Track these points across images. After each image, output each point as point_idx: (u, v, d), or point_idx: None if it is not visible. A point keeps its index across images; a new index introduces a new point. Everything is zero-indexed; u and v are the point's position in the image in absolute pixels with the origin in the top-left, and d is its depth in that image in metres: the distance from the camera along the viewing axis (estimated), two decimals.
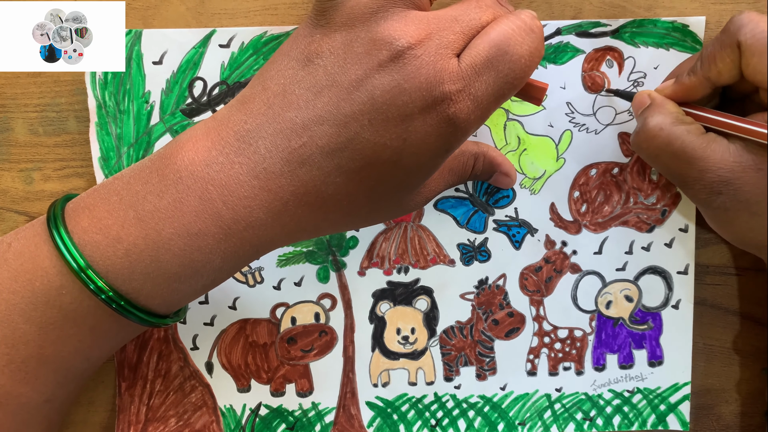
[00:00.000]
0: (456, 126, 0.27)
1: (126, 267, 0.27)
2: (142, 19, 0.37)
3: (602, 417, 0.41)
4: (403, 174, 0.28)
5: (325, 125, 0.26)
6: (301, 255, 0.39)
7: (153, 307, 0.29)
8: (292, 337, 0.40)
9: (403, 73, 0.26)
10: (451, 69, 0.26)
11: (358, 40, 0.27)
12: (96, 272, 0.27)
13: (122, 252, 0.27)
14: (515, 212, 0.39)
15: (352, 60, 0.26)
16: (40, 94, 0.37)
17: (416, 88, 0.26)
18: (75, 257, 0.27)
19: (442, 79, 0.26)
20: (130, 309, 0.28)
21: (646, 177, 0.39)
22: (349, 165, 0.27)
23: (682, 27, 0.37)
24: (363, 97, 0.26)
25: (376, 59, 0.26)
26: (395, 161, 0.27)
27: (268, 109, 0.27)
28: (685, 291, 0.40)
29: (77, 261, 0.27)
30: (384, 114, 0.26)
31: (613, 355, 0.41)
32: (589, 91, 0.38)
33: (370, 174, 0.28)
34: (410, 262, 0.40)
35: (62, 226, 0.28)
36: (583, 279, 0.40)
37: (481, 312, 0.40)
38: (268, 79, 0.28)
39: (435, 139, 0.27)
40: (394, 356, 0.40)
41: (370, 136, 0.26)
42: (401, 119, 0.26)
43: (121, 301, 0.28)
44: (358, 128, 0.26)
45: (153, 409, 0.40)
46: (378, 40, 0.26)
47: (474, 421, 0.41)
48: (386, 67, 0.26)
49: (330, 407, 0.41)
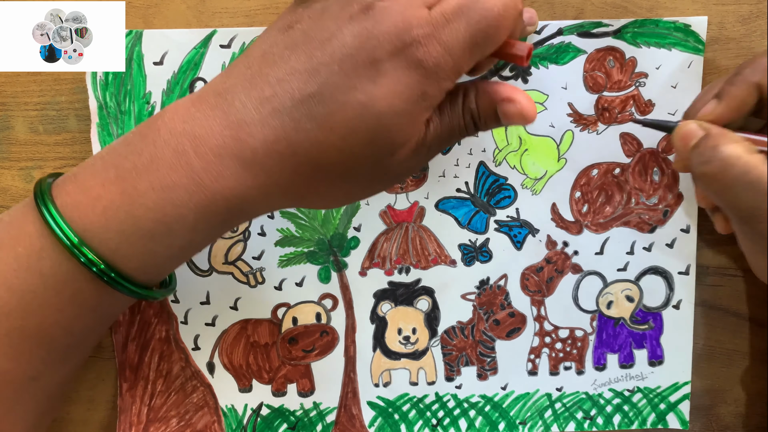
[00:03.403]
0: (426, 69, 0.27)
1: (102, 225, 0.28)
2: (142, 18, 0.37)
3: (602, 416, 0.41)
4: (374, 121, 0.27)
5: (296, 74, 0.27)
6: (303, 255, 0.39)
7: (130, 272, 0.29)
8: (294, 338, 0.40)
9: (372, 20, 0.27)
10: (420, 15, 0.27)
11: (336, 4, 0.28)
12: (73, 231, 0.28)
13: (100, 210, 0.28)
14: (516, 213, 0.39)
15: (327, 18, 0.28)
16: (40, 93, 0.37)
17: (384, 32, 0.27)
18: (53, 214, 0.28)
19: (411, 25, 0.27)
20: (107, 272, 0.28)
21: (648, 177, 0.39)
22: (318, 110, 0.27)
23: (684, 27, 0.37)
24: (334, 46, 0.27)
25: (348, 13, 0.27)
26: (365, 104, 0.27)
27: (247, 70, 0.28)
28: (686, 291, 0.40)
29: (54, 218, 0.28)
30: (353, 59, 0.27)
31: (614, 355, 0.41)
32: (590, 92, 0.38)
33: (340, 121, 0.27)
34: (411, 262, 0.40)
35: (47, 191, 0.29)
36: (584, 279, 0.40)
37: (482, 312, 0.40)
38: (251, 48, 0.29)
39: (405, 82, 0.27)
40: (396, 356, 0.40)
41: (340, 81, 0.27)
42: (370, 63, 0.27)
43: (99, 264, 0.28)
44: (328, 73, 0.27)
45: (154, 410, 0.40)
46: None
47: (475, 420, 0.41)
48: (357, 18, 0.27)
49: (331, 407, 0.41)
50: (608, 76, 0.38)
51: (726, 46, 0.38)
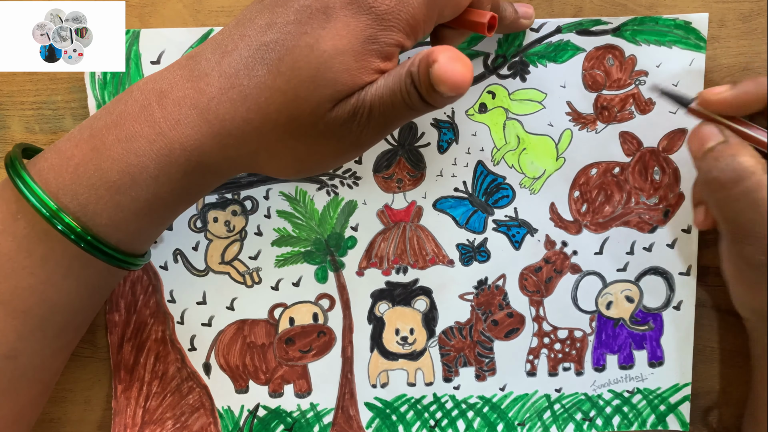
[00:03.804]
0: (376, 15, 0.28)
1: (74, 181, 0.29)
2: (139, 17, 0.37)
3: (602, 417, 0.41)
4: (317, 59, 0.28)
5: (258, 28, 0.29)
6: (299, 255, 0.39)
7: (101, 229, 0.30)
8: (291, 338, 0.40)
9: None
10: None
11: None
12: (44, 190, 0.29)
13: (72, 167, 0.29)
14: (515, 212, 0.39)
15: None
16: (36, 92, 0.37)
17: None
18: (23, 176, 0.29)
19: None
20: (74, 227, 0.29)
21: (648, 177, 0.39)
22: (270, 56, 0.28)
23: (684, 24, 0.37)
24: (295, 2, 0.28)
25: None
26: (311, 45, 0.28)
27: (220, 35, 0.30)
28: (687, 292, 0.40)
29: (24, 179, 0.29)
30: (309, 9, 0.28)
31: (613, 356, 0.40)
32: (589, 90, 0.38)
33: (288, 63, 0.28)
34: (409, 262, 0.39)
35: (19, 156, 0.30)
36: (583, 279, 0.40)
37: (480, 312, 0.40)
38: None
39: (353, 25, 0.28)
40: (393, 357, 0.40)
41: (294, 28, 0.28)
42: (323, 10, 0.28)
43: (66, 219, 0.29)
44: (283, 23, 0.28)
45: (149, 412, 0.40)
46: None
47: (473, 421, 0.41)
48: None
49: (329, 408, 0.40)
50: (607, 75, 0.38)
51: (727, 44, 0.37)
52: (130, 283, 0.39)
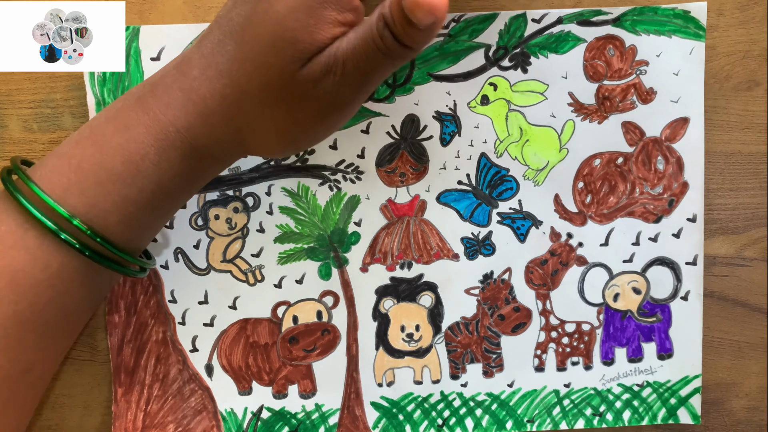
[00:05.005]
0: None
1: (79, 179, 0.29)
2: (138, 14, 0.37)
3: (612, 412, 0.40)
4: (273, 22, 0.28)
5: (226, 8, 0.30)
6: (302, 252, 0.39)
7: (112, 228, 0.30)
8: (294, 337, 0.39)
9: None
10: None
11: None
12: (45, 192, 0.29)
13: (75, 164, 0.29)
14: (519, 204, 0.39)
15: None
16: (35, 90, 0.37)
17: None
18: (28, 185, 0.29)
19: None
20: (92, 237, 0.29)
21: (652, 166, 0.39)
22: (236, 29, 0.29)
23: (683, 13, 0.37)
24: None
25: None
26: (266, 9, 0.28)
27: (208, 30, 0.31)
28: (695, 282, 0.39)
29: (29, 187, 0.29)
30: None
31: (622, 349, 0.40)
32: (591, 81, 0.38)
33: (250, 32, 0.28)
34: (413, 257, 0.39)
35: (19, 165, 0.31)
36: (589, 271, 0.39)
37: (486, 307, 0.39)
38: None
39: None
40: (399, 354, 0.39)
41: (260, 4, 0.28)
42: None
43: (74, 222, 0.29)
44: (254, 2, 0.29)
45: (150, 416, 0.39)
46: None
47: (482, 419, 0.40)
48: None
49: (334, 408, 0.40)
50: (608, 65, 0.38)
51: (725, 33, 0.38)
52: (130, 284, 0.38)
